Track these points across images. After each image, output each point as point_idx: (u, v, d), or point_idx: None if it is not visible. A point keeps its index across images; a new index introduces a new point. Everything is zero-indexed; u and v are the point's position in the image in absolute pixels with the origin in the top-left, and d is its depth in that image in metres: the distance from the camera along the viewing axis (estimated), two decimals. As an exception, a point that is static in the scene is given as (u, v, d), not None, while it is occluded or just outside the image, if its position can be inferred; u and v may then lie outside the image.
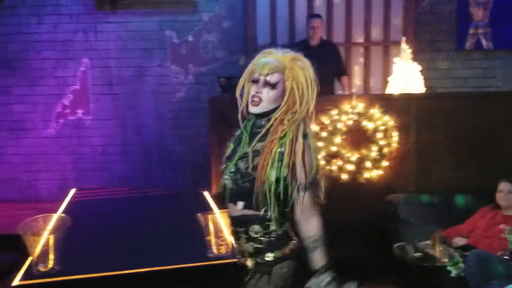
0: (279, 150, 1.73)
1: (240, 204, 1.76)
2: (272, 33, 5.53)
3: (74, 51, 5.60)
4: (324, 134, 3.80)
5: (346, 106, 3.86)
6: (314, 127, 3.80)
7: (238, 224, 1.78)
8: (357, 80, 5.57)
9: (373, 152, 3.85)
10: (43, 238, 2.20)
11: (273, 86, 1.75)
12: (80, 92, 5.66)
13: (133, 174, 5.62)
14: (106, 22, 5.55)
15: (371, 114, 3.87)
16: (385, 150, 3.85)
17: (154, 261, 2.25)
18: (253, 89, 1.77)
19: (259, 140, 1.79)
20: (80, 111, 5.68)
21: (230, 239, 2.48)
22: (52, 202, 5.20)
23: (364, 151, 3.85)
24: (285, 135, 1.74)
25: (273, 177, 1.70)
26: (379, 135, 3.86)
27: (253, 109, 1.77)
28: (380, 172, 3.86)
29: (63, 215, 2.47)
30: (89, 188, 4.47)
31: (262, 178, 1.71)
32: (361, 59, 5.57)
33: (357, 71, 5.58)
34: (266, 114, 1.79)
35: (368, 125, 3.85)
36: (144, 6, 5.48)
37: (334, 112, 3.84)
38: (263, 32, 5.51)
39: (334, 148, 3.80)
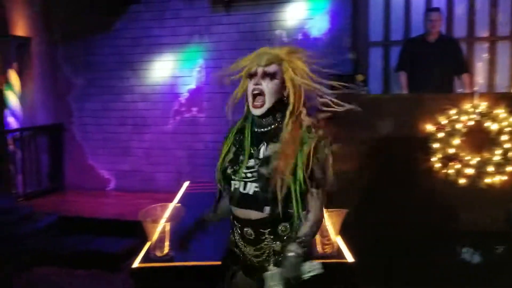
0: (302, 150, 1.63)
1: (267, 209, 1.64)
2: (385, 29, 5.33)
3: (191, 52, 5.92)
4: (440, 135, 3.56)
5: (466, 106, 3.57)
6: (429, 127, 3.60)
7: (261, 226, 1.67)
8: (480, 78, 5.13)
9: (497, 155, 3.52)
10: (160, 225, 2.36)
11: (272, 76, 1.66)
12: (195, 91, 5.97)
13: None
14: (219, 24, 5.79)
15: (495, 114, 3.54)
16: (511, 154, 3.50)
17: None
18: (252, 83, 1.68)
19: (272, 141, 1.67)
20: (194, 109, 5.99)
21: (336, 239, 2.45)
22: (168, 193, 5.57)
23: (486, 155, 3.54)
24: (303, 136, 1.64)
25: (301, 178, 1.61)
26: (504, 137, 3.52)
27: (256, 111, 1.67)
28: (504, 177, 3.52)
29: (178, 205, 2.62)
30: (202, 181, 4.72)
31: (286, 180, 1.60)
32: (485, 55, 5.13)
33: (480, 68, 5.15)
34: (267, 111, 1.67)
35: (492, 126, 3.52)
36: (256, 7, 5.61)
37: (452, 111, 3.57)
38: (375, 28, 5.33)
39: (451, 150, 3.55)
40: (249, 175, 1.67)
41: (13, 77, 5.89)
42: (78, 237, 4.65)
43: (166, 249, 2.31)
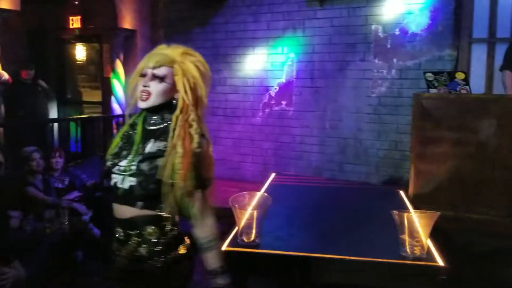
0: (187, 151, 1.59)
1: (139, 204, 1.61)
2: (491, 26, 4.99)
3: (283, 46, 5.99)
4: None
5: None
6: None
7: (129, 227, 1.63)
8: None
9: None
10: (248, 212, 2.44)
11: (161, 79, 1.62)
12: (285, 84, 6.03)
13: (328, 165, 5.77)
14: (314, 18, 5.78)
15: None
16: None
17: (344, 250, 2.30)
18: (141, 83, 1.63)
19: (158, 139, 1.64)
20: (284, 103, 6.06)
21: (426, 241, 2.38)
22: (254, 183, 5.72)
23: None
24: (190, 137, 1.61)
25: (188, 179, 1.57)
26: None
27: (141, 104, 1.63)
28: None
29: (266, 194, 2.69)
30: (287, 174, 4.79)
31: (169, 180, 1.57)
32: None
33: None
34: (156, 109, 1.65)
35: None
36: (352, 1, 5.52)
37: None
38: (480, 25, 5.01)
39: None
40: (128, 169, 1.62)
41: (119, 67, 6.38)
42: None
43: (253, 236, 2.39)
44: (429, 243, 2.41)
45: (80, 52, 7.01)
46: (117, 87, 6.37)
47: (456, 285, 2.53)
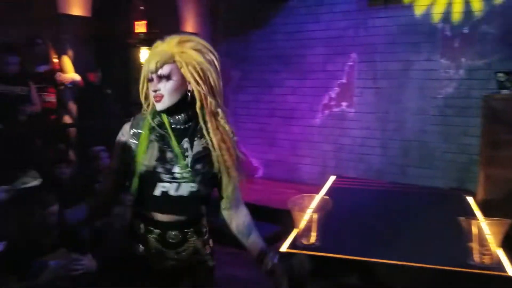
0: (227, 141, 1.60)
1: (203, 208, 1.65)
2: None
3: (344, 46, 5.89)
4: None
5: None
6: None
7: (186, 226, 1.63)
8: None
9: None
10: (308, 215, 2.43)
11: (167, 78, 1.52)
12: (346, 85, 5.93)
13: (390, 168, 5.60)
14: (377, 17, 5.65)
15: None
16: None
17: (407, 256, 2.22)
18: (151, 89, 1.55)
19: (196, 138, 1.59)
20: (344, 104, 5.96)
21: (496, 250, 2.25)
22: (312, 186, 5.67)
23: None
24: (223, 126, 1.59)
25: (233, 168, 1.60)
26: None
27: (158, 106, 1.54)
28: None
29: (326, 197, 2.66)
30: (347, 176, 4.70)
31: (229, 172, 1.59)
32: None
33: None
34: (175, 108, 1.56)
35: None
36: (417, -1, 5.35)
37: None
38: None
39: None
40: (185, 174, 1.56)
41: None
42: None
43: (312, 239, 2.36)
44: (499, 252, 2.29)
45: (145, 55, 7.28)
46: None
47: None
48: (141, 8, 6.55)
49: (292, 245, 2.36)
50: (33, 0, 5.15)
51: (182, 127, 1.59)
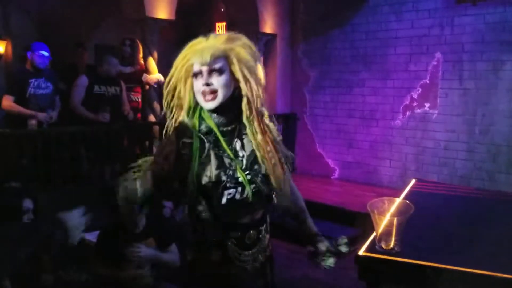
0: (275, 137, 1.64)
1: (269, 205, 1.64)
2: None
3: (428, 45, 5.66)
4: None
5: None
6: None
7: (260, 223, 1.63)
8: None
9: None
10: (387, 219, 2.37)
11: (220, 71, 1.48)
12: (429, 86, 5.69)
13: (477, 173, 5.30)
14: (464, 15, 5.36)
15: None
16: None
17: (493, 267, 2.11)
18: (200, 83, 1.48)
19: (244, 138, 1.57)
20: (427, 105, 5.73)
21: None
22: (391, 189, 5.52)
23: None
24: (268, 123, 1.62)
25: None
26: None
27: (209, 105, 1.48)
28: None
29: (406, 201, 2.59)
30: (429, 181, 4.51)
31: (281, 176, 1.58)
32: None
33: None
34: (222, 108, 1.51)
35: None
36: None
37: None
38: None
39: None
40: (248, 177, 1.53)
41: (260, 70, 6.67)
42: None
43: (392, 243, 2.31)
44: None
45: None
46: (259, 89, 6.67)
47: None
48: (221, 9, 6.75)
49: (370, 249, 2.33)
50: (123, 4, 5.48)
51: (229, 128, 1.56)
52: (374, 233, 2.42)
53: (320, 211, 5.08)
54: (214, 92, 1.49)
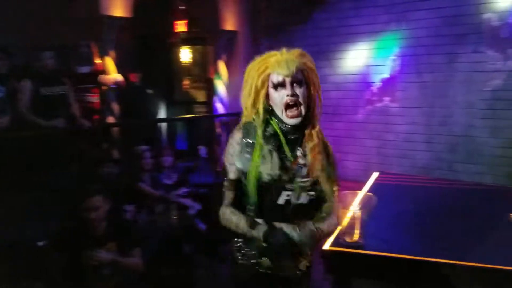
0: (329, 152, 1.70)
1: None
2: None
3: (386, 40, 5.76)
4: None
5: None
6: None
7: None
8: None
9: None
10: (351, 212, 2.39)
11: (301, 83, 1.57)
12: (389, 80, 5.80)
13: (436, 164, 5.44)
14: (419, 10, 5.49)
15: None
16: None
17: (455, 254, 2.15)
18: (283, 93, 1.56)
19: (302, 146, 1.64)
20: (387, 99, 5.84)
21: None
22: (356, 182, 5.58)
23: None
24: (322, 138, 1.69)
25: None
26: None
27: (293, 121, 1.57)
28: None
29: (370, 194, 2.62)
30: (391, 173, 4.60)
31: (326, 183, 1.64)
32: None
33: None
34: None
35: None
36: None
37: None
38: None
39: None
40: (307, 183, 1.60)
41: (222, 67, 6.62)
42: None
43: (356, 236, 2.33)
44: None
45: (186, 54, 7.38)
46: (220, 87, 6.62)
47: None
48: (181, 7, 6.66)
49: (335, 243, 2.34)
50: (77, 1, 5.29)
51: (293, 136, 1.63)
52: (338, 227, 2.43)
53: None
54: (298, 105, 1.57)
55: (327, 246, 2.31)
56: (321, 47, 6.30)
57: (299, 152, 1.61)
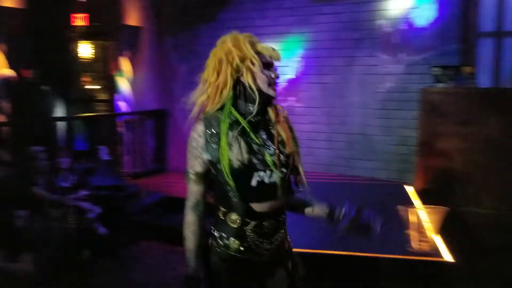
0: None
1: (285, 193, 1.73)
2: (498, 19, 4.91)
3: (291, 42, 5.95)
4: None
5: None
6: None
7: (277, 215, 1.71)
8: None
9: None
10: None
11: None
12: (294, 80, 5.99)
13: (337, 161, 5.72)
14: (322, 14, 5.73)
15: None
16: None
17: (350, 246, 2.28)
18: (273, 75, 1.74)
19: (267, 127, 1.72)
20: (292, 99, 6.02)
21: (433, 236, 2.35)
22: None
23: None
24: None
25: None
26: None
27: (273, 93, 1.74)
28: None
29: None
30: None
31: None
32: None
33: None
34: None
35: None
36: (359, -5, 5.47)
37: None
38: (487, 18, 4.94)
39: None
40: (275, 161, 1.67)
41: (124, 64, 6.38)
42: (179, 216, 4.93)
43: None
44: (437, 238, 2.39)
45: (86, 50, 7.03)
46: (123, 84, 6.37)
47: (464, 280, 2.50)
48: (80, 0, 6.32)
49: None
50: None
51: (254, 119, 1.69)
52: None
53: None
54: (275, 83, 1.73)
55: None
56: (227, 47, 6.32)
57: (263, 134, 1.69)
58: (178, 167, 6.68)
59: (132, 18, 6.38)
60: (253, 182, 1.64)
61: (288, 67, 5.98)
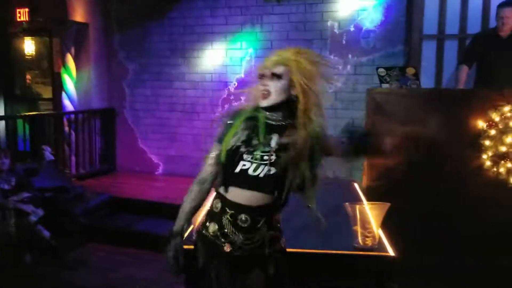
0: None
1: (276, 193, 1.76)
2: (441, 23, 5.16)
3: (241, 41, 5.96)
4: (492, 132, 3.43)
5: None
6: (480, 124, 3.46)
7: (260, 213, 1.76)
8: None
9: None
10: (205, 210, 2.41)
11: (278, 77, 1.75)
12: (244, 80, 6.01)
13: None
14: (271, 14, 5.79)
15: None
16: None
17: (298, 243, 2.31)
18: (260, 83, 1.78)
19: (283, 135, 1.76)
20: (243, 98, 6.01)
21: (377, 231, 2.43)
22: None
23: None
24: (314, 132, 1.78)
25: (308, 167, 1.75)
26: None
27: (263, 102, 1.76)
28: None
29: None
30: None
31: (302, 168, 1.74)
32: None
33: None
34: (276, 107, 1.77)
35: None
36: (309, -4, 5.57)
37: (506, 108, 3.43)
38: (430, 22, 5.18)
39: (503, 149, 3.41)
40: (265, 157, 1.72)
41: (70, 61, 6.16)
42: (127, 217, 4.84)
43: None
44: (381, 234, 2.47)
45: (28, 46, 6.74)
46: (68, 82, 6.15)
47: (406, 274, 2.60)
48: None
49: (188, 241, 2.34)
50: None
51: (275, 124, 1.77)
52: (192, 226, 2.44)
53: (143, 208, 5.00)
54: (268, 93, 1.74)
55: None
56: (177, 45, 6.26)
57: (274, 137, 1.75)
58: (127, 167, 6.55)
59: (79, 14, 6.18)
60: (237, 169, 1.74)
61: (240, 67, 6.00)
